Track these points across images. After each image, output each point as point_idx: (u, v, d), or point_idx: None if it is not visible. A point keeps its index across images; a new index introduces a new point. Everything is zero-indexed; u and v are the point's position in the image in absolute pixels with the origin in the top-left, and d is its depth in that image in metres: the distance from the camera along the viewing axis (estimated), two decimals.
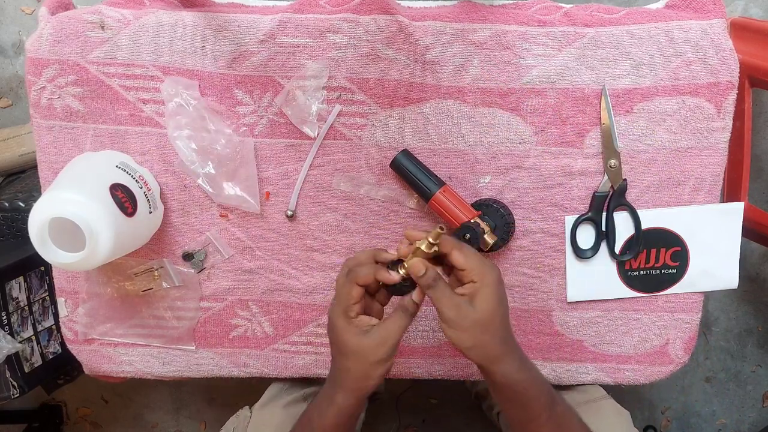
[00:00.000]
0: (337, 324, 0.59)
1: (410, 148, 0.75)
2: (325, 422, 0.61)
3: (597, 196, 0.75)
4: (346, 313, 0.59)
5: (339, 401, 0.61)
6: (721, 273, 0.79)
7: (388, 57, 0.72)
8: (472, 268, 0.57)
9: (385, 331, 0.58)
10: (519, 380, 0.59)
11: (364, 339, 0.58)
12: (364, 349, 0.58)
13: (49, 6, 0.73)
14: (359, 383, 0.60)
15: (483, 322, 0.57)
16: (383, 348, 0.58)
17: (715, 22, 0.71)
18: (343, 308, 0.59)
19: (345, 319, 0.59)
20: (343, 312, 0.59)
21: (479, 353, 0.58)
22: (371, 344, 0.58)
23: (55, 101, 0.74)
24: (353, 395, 0.60)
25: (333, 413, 0.61)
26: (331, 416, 0.61)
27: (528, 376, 0.59)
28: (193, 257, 0.78)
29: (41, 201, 0.62)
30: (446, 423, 1.44)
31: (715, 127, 0.73)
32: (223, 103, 0.74)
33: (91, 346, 0.82)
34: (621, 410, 0.82)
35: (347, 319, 0.59)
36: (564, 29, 0.71)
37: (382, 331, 0.58)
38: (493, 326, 0.57)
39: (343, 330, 0.59)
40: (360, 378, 0.60)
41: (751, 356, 1.39)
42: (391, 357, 0.59)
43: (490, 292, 0.57)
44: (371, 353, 0.58)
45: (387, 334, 0.58)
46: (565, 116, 0.74)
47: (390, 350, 0.58)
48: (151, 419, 1.49)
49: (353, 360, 0.59)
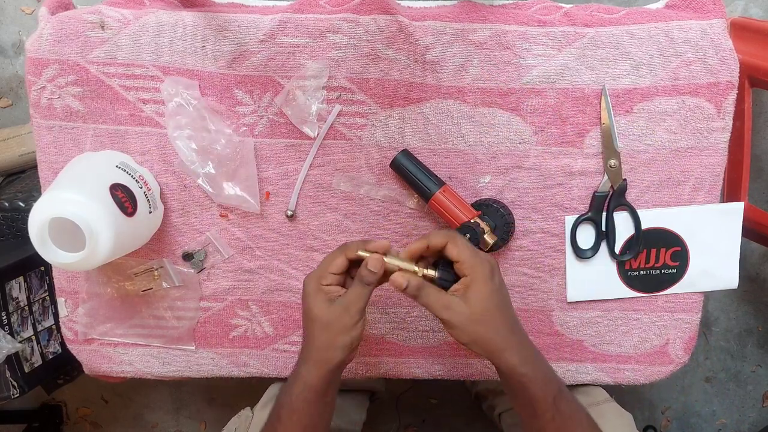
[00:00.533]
0: (308, 289, 0.60)
1: (410, 148, 0.75)
2: (291, 398, 0.61)
3: (597, 196, 0.75)
4: (319, 279, 0.60)
5: (303, 374, 0.61)
6: (721, 273, 0.79)
7: (388, 57, 0.72)
8: (464, 260, 0.58)
9: (345, 299, 0.59)
10: (522, 373, 0.58)
11: (329, 307, 0.59)
12: (327, 316, 0.59)
13: (49, 6, 0.73)
14: (323, 354, 0.60)
15: (477, 317, 0.57)
16: (346, 316, 0.59)
17: (715, 22, 0.71)
18: (318, 274, 0.60)
19: (316, 285, 0.60)
20: (316, 277, 0.60)
21: (480, 347, 0.58)
22: (334, 312, 0.59)
23: (55, 101, 0.74)
24: (317, 367, 0.60)
25: (299, 389, 0.61)
26: (297, 392, 0.61)
27: (532, 370, 0.59)
28: (193, 257, 0.78)
29: (41, 201, 0.62)
30: (446, 423, 1.44)
31: (715, 127, 0.73)
32: (223, 103, 0.74)
33: (91, 346, 0.82)
34: (624, 413, 0.82)
35: (318, 286, 0.60)
36: (564, 29, 0.71)
37: (344, 299, 0.59)
38: (488, 319, 0.58)
39: (310, 296, 0.60)
40: (324, 348, 0.60)
41: (751, 356, 1.39)
42: (354, 326, 0.59)
43: (482, 286, 0.57)
44: (334, 321, 0.59)
45: (347, 301, 0.59)
46: (565, 116, 0.74)
47: (352, 318, 0.59)
48: (151, 419, 1.49)
49: (318, 328, 0.60)
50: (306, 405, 0.61)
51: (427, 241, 0.60)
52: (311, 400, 0.61)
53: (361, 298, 0.59)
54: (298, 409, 0.61)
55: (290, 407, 0.61)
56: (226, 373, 0.83)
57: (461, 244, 0.58)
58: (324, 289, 0.60)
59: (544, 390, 0.59)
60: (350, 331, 0.59)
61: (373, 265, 0.59)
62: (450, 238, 0.59)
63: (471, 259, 0.58)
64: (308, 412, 0.61)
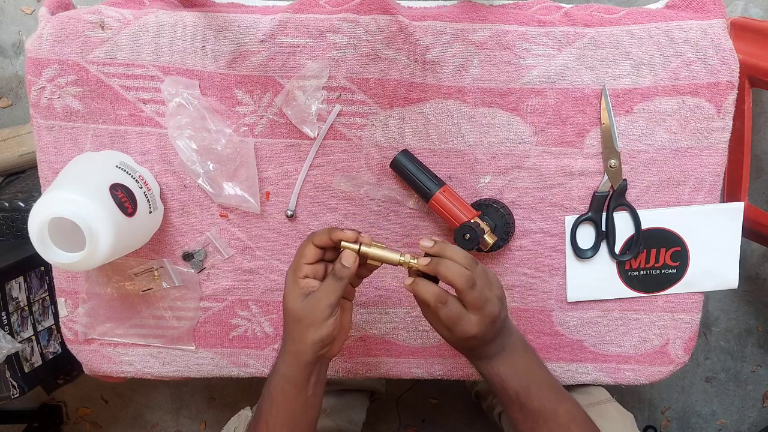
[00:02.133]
0: (286, 285, 0.60)
1: (410, 148, 0.75)
2: (270, 390, 0.61)
3: (597, 196, 0.75)
4: (294, 271, 0.60)
5: (280, 366, 0.61)
6: (721, 273, 0.79)
7: (388, 57, 0.72)
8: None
9: (316, 294, 0.59)
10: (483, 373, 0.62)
11: (301, 301, 0.59)
12: (299, 311, 0.58)
13: (49, 6, 0.73)
14: (296, 346, 0.60)
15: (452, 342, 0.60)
16: (316, 312, 0.58)
17: (715, 22, 0.71)
18: (293, 267, 0.60)
19: (292, 278, 0.60)
20: (292, 270, 0.60)
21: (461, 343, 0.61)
22: (305, 307, 0.58)
23: (55, 101, 0.74)
24: (292, 360, 0.60)
25: (276, 380, 0.61)
26: (275, 383, 0.61)
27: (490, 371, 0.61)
28: (193, 257, 0.78)
29: (41, 201, 0.62)
30: (446, 423, 1.44)
31: (715, 127, 0.73)
32: (223, 103, 0.74)
33: (91, 346, 0.82)
34: (625, 413, 0.82)
35: (294, 279, 0.60)
36: (564, 29, 0.71)
37: (314, 295, 0.59)
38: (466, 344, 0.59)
39: (287, 288, 0.60)
40: (296, 341, 0.59)
41: (751, 356, 1.39)
42: (323, 322, 0.58)
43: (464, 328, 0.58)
44: (305, 316, 0.58)
45: (318, 297, 0.58)
46: (565, 116, 0.74)
47: (322, 314, 0.58)
48: (151, 419, 1.49)
49: (291, 321, 0.60)
50: (284, 399, 0.61)
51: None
52: (290, 394, 0.61)
53: (332, 293, 0.58)
54: (278, 402, 0.61)
55: (270, 399, 0.61)
56: (226, 373, 0.83)
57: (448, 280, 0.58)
58: (300, 282, 0.60)
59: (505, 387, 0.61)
60: (320, 327, 0.58)
61: (346, 260, 0.59)
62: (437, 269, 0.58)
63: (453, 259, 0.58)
64: (288, 406, 0.61)
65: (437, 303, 0.57)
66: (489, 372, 0.61)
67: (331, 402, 0.97)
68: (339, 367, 0.83)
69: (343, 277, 0.59)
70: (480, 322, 0.57)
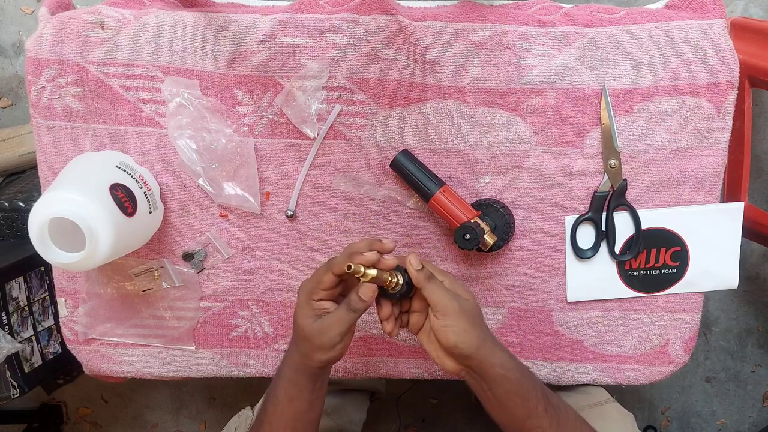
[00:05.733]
0: (299, 301, 0.61)
1: (410, 148, 0.75)
2: (276, 391, 0.63)
3: (597, 196, 0.75)
4: (310, 293, 0.60)
5: (284, 370, 0.62)
6: (721, 273, 0.79)
7: (388, 57, 0.72)
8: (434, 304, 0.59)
9: (327, 320, 0.59)
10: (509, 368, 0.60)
11: (311, 323, 0.59)
12: (308, 332, 0.59)
13: (49, 6, 0.73)
14: (303, 359, 0.61)
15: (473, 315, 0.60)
16: (324, 337, 0.58)
17: (715, 22, 0.71)
18: (309, 288, 0.60)
19: (306, 299, 0.60)
20: (308, 291, 0.60)
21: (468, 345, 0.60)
22: (314, 330, 0.59)
23: (55, 101, 0.74)
24: (297, 367, 0.61)
25: (281, 383, 0.62)
26: (280, 386, 0.62)
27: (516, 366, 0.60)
28: (193, 257, 0.78)
29: (41, 201, 0.62)
30: (446, 423, 1.44)
31: (715, 127, 0.73)
32: (224, 103, 0.74)
33: (91, 346, 0.82)
34: (625, 413, 0.82)
35: (308, 300, 0.60)
36: (564, 29, 0.71)
37: (325, 321, 0.59)
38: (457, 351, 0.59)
39: (300, 308, 0.60)
40: (304, 355, 0.60)
41: (751, 356, 1.39)
42: (333, 347, 0.59)
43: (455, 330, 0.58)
44: (315, 337, 0.59)
45: (328, 324, 0.58)
46: (565, 116, 0.74)
47: (331, 341, 0.58)
48: (151, 419, 1.49)
49: (300, 336, 0.60)
50: (289, 400, 0.62)
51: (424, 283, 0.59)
52: (294, 396, 0.62)
53: (343, 323, 0.58)
54: (282, 403, 0.62)
55: (275, 400, 0.62)
56: (226, 373, 0.83)
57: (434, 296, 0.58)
58: (313, 304, 0.60)
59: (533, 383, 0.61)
60: (328, 351, 0.59)
61: (364, 294, 0.58)
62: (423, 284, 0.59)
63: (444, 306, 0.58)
64: (292, 407, 0.62)
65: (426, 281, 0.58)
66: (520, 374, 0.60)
67: (332, 402, 0.97)
68: (339, 367, 0.83)
69: (358, 310, 0.58)
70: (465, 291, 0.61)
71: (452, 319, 0.58)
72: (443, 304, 0.58)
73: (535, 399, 0.59)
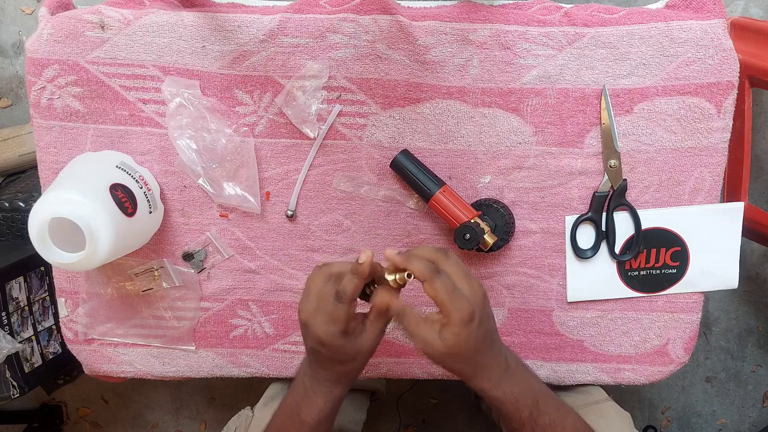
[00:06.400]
0: (334, 343, 0.58)
1: (410, 148, 0.75)
2: (321, 415, 0.62)
3: (597, 196, 0.75)
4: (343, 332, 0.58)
5: (335, 392, 0.62)
6: (721, 273, 0.79)
7: (388, 57, 0.72)
8: (440, 304, 0.56)
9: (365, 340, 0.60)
10: (494, 397, 0.60)
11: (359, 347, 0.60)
12: (361, 353, 0.60)
13: (49, 6, 0.73)
14: (341, 377, 0.62)
15: (450, 354, 0.57)
16: (362, 356, 0.61)
17: (715, 22, 0.71)
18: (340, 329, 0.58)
19: (342, 337, 0.58)
20: (340, 332, 0.58)
21: (451, 372, 0.60)
22: (363, 350, 0.60)
23: (55, 101, 0.74)
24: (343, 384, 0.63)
25: (328, 405, 0.62)
26: (327, 408, 0.62)
27: (503, 393, 0.60)
28: (193, 257, 0.78)
29: (41, 201, 0.62)
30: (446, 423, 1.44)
31: (715, 127, 0.73)
32: (224, 103, 0.74)
33: (91, 346, 0.82)
34: (622, 412, 0.82)
35: (344, 336, 0.59)
36: (564, 29, 0.71)
37: (362, 341, 0.60)
38: (460, 357, 0.58)
39: (341, 347, 0.59)
40: (355, 372, 0.62)
41: (751, 356, 1.39)
42: (371, 355, 0.62)
43: (458, 330, 0.56)
44: (354, 357, 0.60)
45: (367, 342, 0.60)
46: (565, 116, 0.74)
47: (370, 355, 0.61)
48: (151, 419, 1.49)
49: (334, 362, 0.60)
50: (332, 415, 0.64)
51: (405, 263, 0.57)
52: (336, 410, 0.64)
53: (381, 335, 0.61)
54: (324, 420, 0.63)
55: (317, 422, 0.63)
56: (226, 373, 0.83)
57: (439, 287, 0.56)
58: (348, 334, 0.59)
59: (517, 407, 0.60)
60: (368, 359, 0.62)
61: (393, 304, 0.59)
62: (427, 278, 0.56)
63: (448, 304, 0.55)
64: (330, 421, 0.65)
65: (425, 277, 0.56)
66: (503, 394, 0.59)
67: None
68: None
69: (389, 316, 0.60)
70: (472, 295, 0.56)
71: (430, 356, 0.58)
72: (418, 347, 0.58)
73: (519, 422, 0.60)
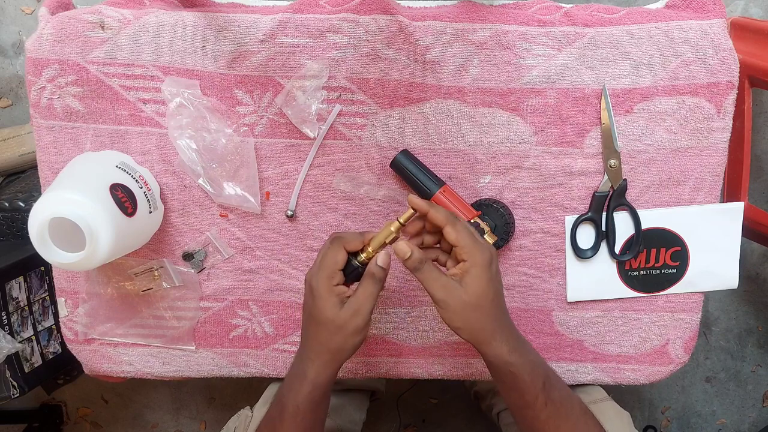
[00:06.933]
0: (320, 290, 0.59)
1: (410, 148, 0.75)
2: (299, 399, 0.61)
3: (597, 196, 0.75)
4: (330, 279, 0.59)
5: (312, 375, 0.60)
6: (721, 273, 0.79)
7: (388, 57, 0.72)
8: (463, 246, 0.57)
9: (357, 300, 0.59)
10: (510, 362, 0.58)
11: (341, 310, 0.58)
12: (341, 319, 0.58)
13: (49, 6, 0.73)
14: (334, 355, 0.60)
15: (473, 302, 0.57)
16: (358, 317, 0.58)
17: (715, 22, 0.71)
18: (328, 273, 0.59)
19: (327, 287, 0.59)
20: (327, 277, 0.59)
21: (469, 334, 0.58)
22: (347, 315, 0.58)
23: (55, 101, 0.74)
24: (326, 369, 0.60)
25: (307, 390, 0.60)
26: (305, 393, 0.61)
27: (520, 359, 0.59)
28: (193, 257, 0.78)
29: (41, 201, 0.62)
30: (446, 423, 1.44)
31: (715, 127, 0.73)
32: (224, 103, 0.74)
33: (91, 346, 0.82)
34: (621, 412, 0.82)
35: (329, 287, 0.59)
36: (564, 29, 0.71)
37: (354, 301, 0.59)
38: (483, 306, 0.57)
39: (323, 298, 0.59)
40: (335, 350, 0.60)
41: (751, 356, 1.39)
42: (366, 327, 0.59)
43: (480, 272, 0.56)
44: (348, 323, 0.58)
45: (360, 302, 0.59)
46: (565, 116, 0.74)
47: (364, 319, 0.59)
48: (151, 419, 1.49)
49: (330, 331, 0.59)
50: (313, 405, 0.61)
51: (427, 208, 0.59)
52: (318, 400, 0.61)
53: (372, 298, 0.59)
54: (305, 409, 0.61)
55: (296, 408, 0.61)
56: (226, 373, 0.83)
57: (461, 229, 0.57)
58: (335, 290, 0.59)
59: (533, 377, 0.59)
60: (362, 332, 0.59)
61: (383, 261, 0.59)
62: (449, 221, 0.58)
63: (471, 245, 0.56)
64: (314, 411, 0.62)
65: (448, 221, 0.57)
66: (521, 359, 0.59)
67: (332, 402, 0.96)
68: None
69: (382, 279, 0.59)
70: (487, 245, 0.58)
71: (451, 312, 0.57)
72: (439, 297, 0.57)
73: (533, 393, 0.59)
